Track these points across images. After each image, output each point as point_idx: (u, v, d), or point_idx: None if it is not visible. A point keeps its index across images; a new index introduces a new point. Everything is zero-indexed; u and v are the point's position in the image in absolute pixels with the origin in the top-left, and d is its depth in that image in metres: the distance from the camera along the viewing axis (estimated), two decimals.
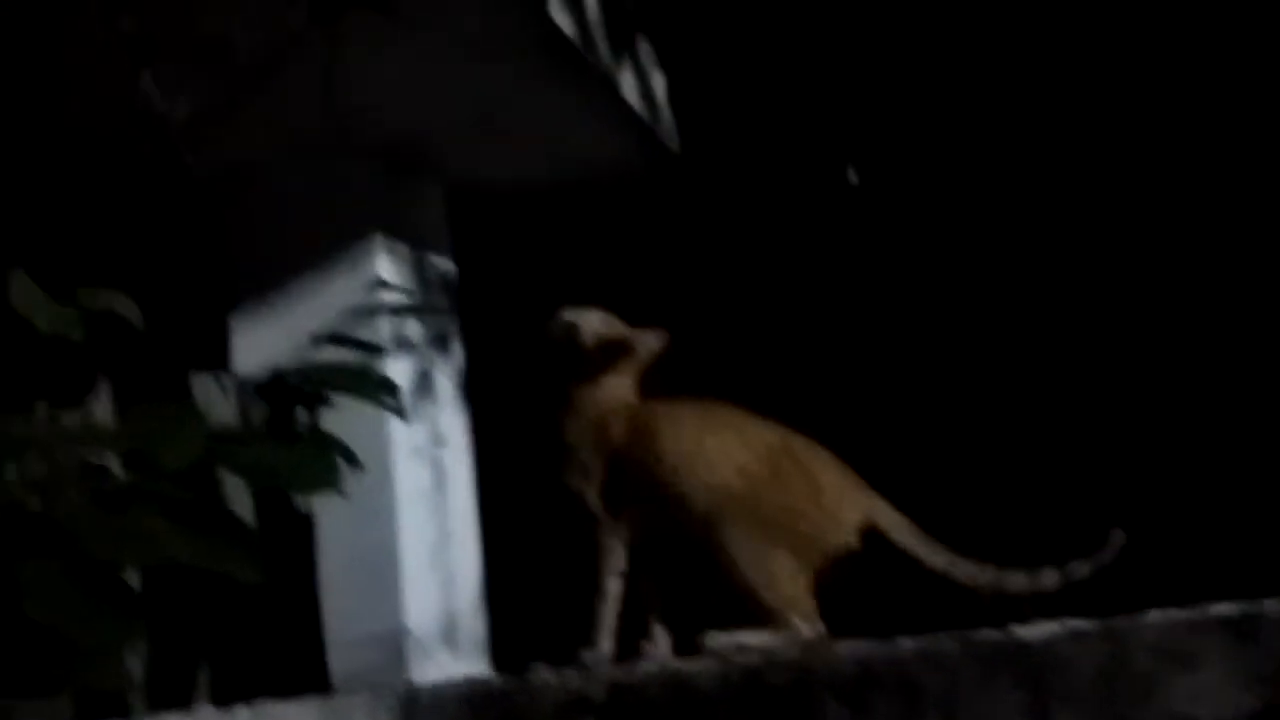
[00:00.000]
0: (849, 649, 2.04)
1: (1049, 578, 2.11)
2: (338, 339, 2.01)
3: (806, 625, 2.18)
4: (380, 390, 1.86)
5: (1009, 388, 3.49)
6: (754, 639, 2.14)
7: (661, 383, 2.45)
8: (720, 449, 2.19)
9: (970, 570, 2.15)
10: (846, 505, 2.18)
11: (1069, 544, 2.26)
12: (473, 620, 3.27)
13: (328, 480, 1.59)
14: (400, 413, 1.84)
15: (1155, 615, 1.96)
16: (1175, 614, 1.95)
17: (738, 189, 3.77)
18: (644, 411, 2.30)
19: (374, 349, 2.00)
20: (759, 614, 2.16)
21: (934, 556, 2.17)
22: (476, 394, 3.48)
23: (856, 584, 2.16)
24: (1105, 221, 3.46)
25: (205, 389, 2.94)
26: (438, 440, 3.35)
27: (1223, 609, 1.94)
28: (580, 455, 2.29)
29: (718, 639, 2.14)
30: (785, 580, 2.15)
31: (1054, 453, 3.37)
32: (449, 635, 3.18)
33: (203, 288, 3.29)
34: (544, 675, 2.13)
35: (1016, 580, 2.13)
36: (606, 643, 2.23)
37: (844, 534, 2.17)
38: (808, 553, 2.16)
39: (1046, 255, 3.53)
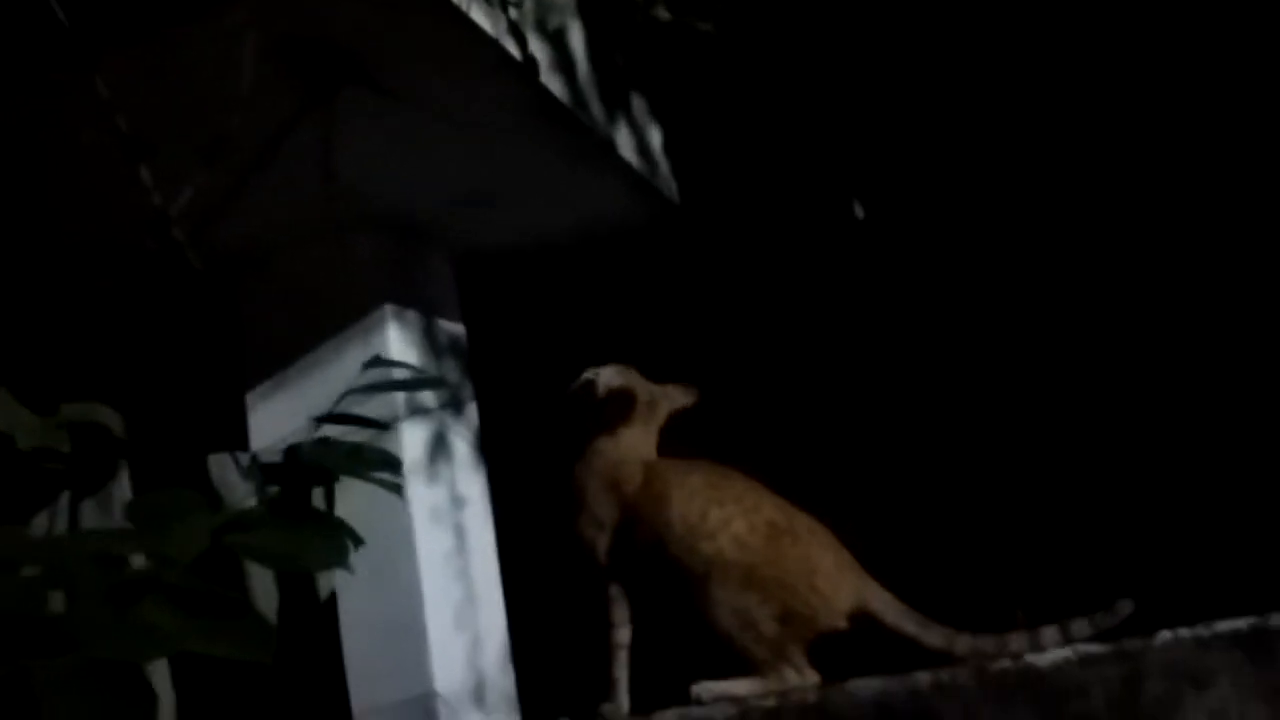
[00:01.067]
0: (863, 686, 2.07)
1: (1049, 638, 2.12)
2: (338, 418, 2.04)
3: (797, 675, 2.20)
4: (379, 467, 1.90)
5: (1021, 420, 3.51)
6: (742, 688, 2.17)
7: (680, 433, 2.50)
8: (722, 520, 2.23)
9: (968, 643, 2.16)
10: (840, 589, 2.22)
11: (1077, 585, 2.28)
12: (502, 679, 3.29)
13: (336, 559, 1.63)
14: (398, 490, 1.87)
15: (1165, 636, 1.98)
16: (1185, 633, 1.97)
17: (741, 234, 3.81)
18: (658, 470, 2.34)
19: (376, 424, 2.03)
20: (750, 665, 2.19)
21: (929, 635, 2.19)
22: (493, 454, 3.52)
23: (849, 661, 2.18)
24: (1117, 263, 3.48)
25: (222, 468, 2.98)
26: (457, 502, 3.38)
27: (1231, 625, 1.96)
28: (593, 507, 2.33)
29: (707, 688, 2.17)
30: (773, 635, 2.18)
31: (1063, 483, 3.39)
32: (478, 696, 3.20)
33: (218, 370, 3.34)
34: None
35: (1018, 644, 2.14)
36: (623, 695, 2.26)
37: (835, 617, 2.21)
38: (798, 627, 2.19)
39: (1059, 289, 3.55)
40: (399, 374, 2.34)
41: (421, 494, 3.31)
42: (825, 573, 2.21)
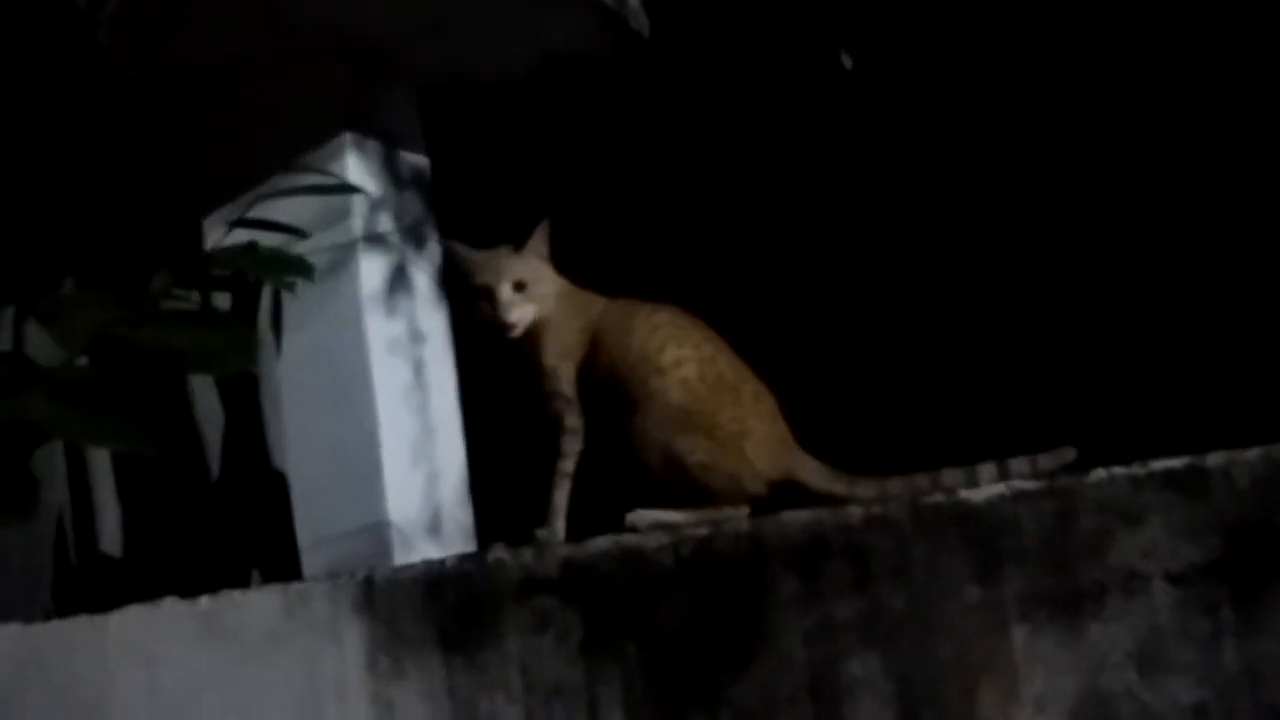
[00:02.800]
0: (795, 517, 2.05)
1: (986, 475, 2.09)
2: (249, 223, 2.00)
3: (732, 509, 2.19)
4: (289, 271, 1.86)
5: (974, 266, 3.48)
6: (677, 516, 2.16)
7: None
8: (676, 360, 2.22)
9: (901, 485, 2.13)
10: (768, 460, 2.19)
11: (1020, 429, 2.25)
12: (459, 511, 3.29)
13: (240, 361, 1.59)
14: (290, 287, 1.83)
15: (1099, 473, 1.96)
16: (1119, 471, 1.95)
17: (713, 75, 3.73)
18: (625, 304, 2.33)
19: (290, 230, 1.98)
20: (681, 500, 2.18)
21: (861, 489, 2.15)
22: (455, 289, 3.48)
23: None
24: (1100, 127, 3.43)
25: (164, 283, 2.93)
26: (416, 336, 3.35)
27: (1167, 464, 1.94)
28: (562, 334, 2.32)
29: (642, 515, 2.16)
30: (697, 480, 2.17)
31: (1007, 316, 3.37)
32: (433, 527, 3.20)
33: (173, 193, 3.29)
34: (500, 555, 2.15)
35: (952, 480, 2.10)
36: (560, 521, 2.25)
37: (758, 483, 2.19)
38: (722, 481, 2.17)
39: (1034, 148, 3.50)
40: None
41: (380, 326, 3.29)
42: (756, 440, 2.20)
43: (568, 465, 2.29)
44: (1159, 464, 1.93)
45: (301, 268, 1.84)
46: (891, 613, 1.99)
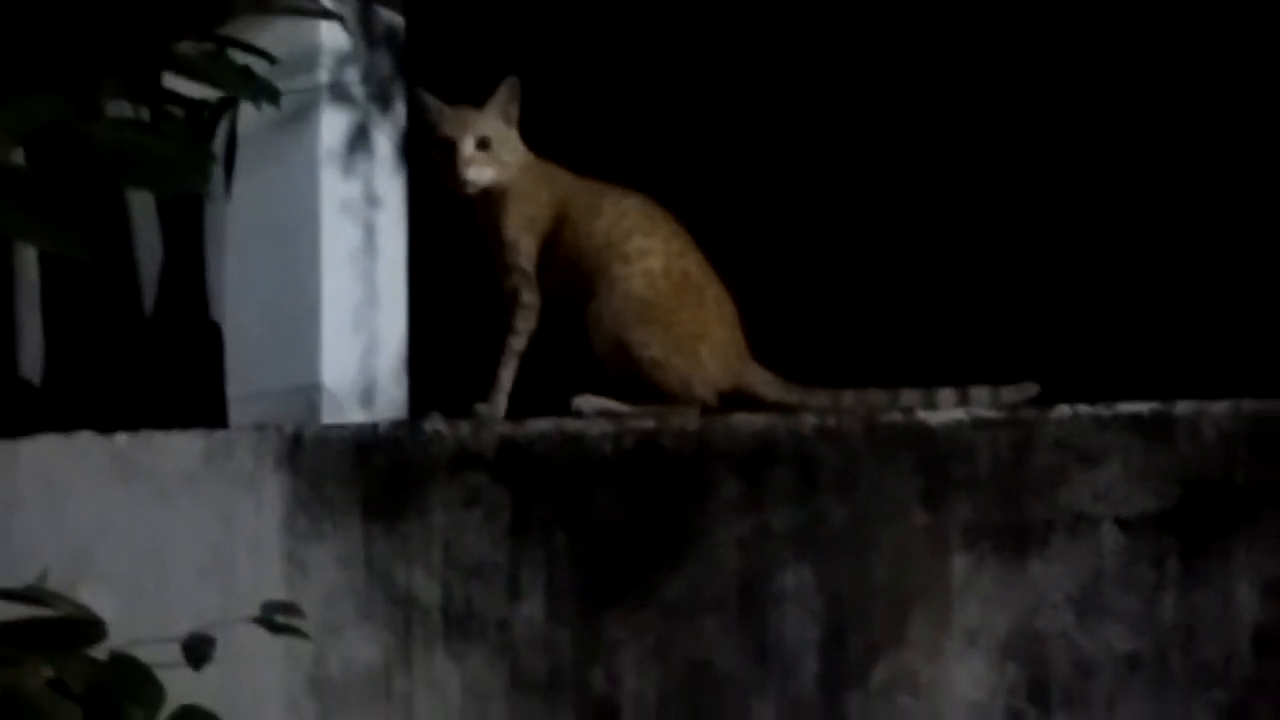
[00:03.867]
0: (746, 421, 1.99)
1: (946, 399, 2.01)
2: (220, 39, 1.87)
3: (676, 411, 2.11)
4: (262, 92, 1.74)
5: (940, 189, 3.41)
6: (625, 409, 2.09)
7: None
8: (643, 250, 2.13)
9: (854, 398, 2.05)
10: (721, 367, 2.11)
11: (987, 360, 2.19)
12: (394, 385, 3.20)
13: (191, 178, 1.49)
14: (258, 103, 1.71)
15: (1063, 409, 1.91)
16: (1084, 409, 1.90)
17: None
18: (595, 184, 2.23)
19: (261, 53, 1.86)
20: (637, 390, 2.10)
21: (814, 398, 2.07)
22: (418, 158, 3.36)
23: None
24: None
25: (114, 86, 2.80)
26: (371, 200, 3.23)
27: (1133, 407, 1.88)
28: (526, 205, 2.22)
29: (589, 401, 2.09)
30: (647, 376, 2.09)
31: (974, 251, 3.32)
32: (366, 397, 3.11)
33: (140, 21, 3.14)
34: (436, 426, 2.07)
35: (910, 400, 2.03)
36: (502, 398, 2.17)
37: (708, 389, 2.10)
38: (673, 381, 2.09)
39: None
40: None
41: (334, 185, 3.16)
42: (712, 345, 2.12)
43: (518, 342, 2.21)
44: (1125, 406, 1.88)
45: (270, 91, 1.72)
46: (831, 527, 1.93)
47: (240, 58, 2.20)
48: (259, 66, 2.19)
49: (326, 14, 2.20)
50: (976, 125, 3.45)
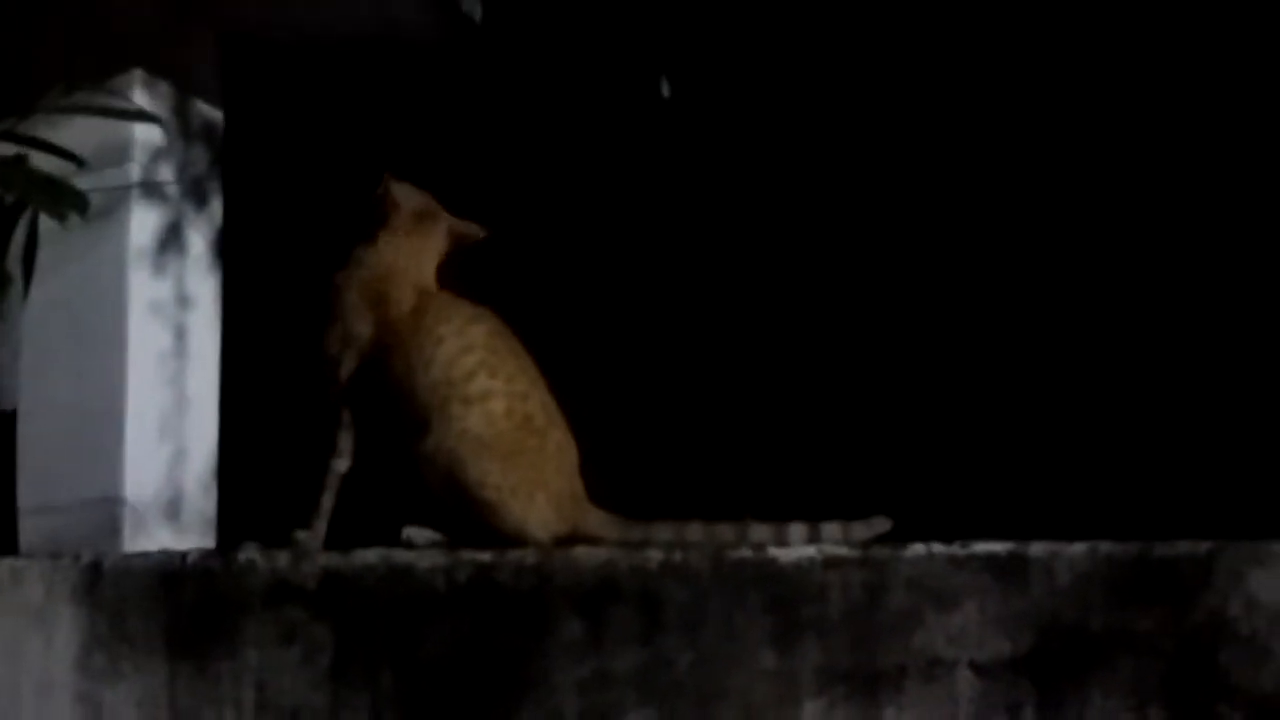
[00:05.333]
0: (589, 555, 1.88)
1: (796, 535, 1.94)
2: (26, 140, 1.74)
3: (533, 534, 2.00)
4: (65, 202, 1.60)
5: (812, 310, 3.38)
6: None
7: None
8: (485, 391, 2.01)
9: (701, 531, 1.97)
10: (556, 516, 2.00)
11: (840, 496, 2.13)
12: (202, 497, 3.02)
13: None
14: (62, 219, 1.57)
15: (917, 548, 1.84)
16: (939, 548, 1.83)
17: (539, 75, 3.55)
18: (438, 303, 2.11)
19: (67, 155, 1.73)
20: (470, 529, 1.98)
21: (658, 533, 1.98)
22: (232, 258, 3.21)
23: None
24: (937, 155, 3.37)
25: None
26: (183, 301, 3.07)
27: (988, 547, 1.82)
28: (348, 321, 2.09)
29: (421, 532, 1.96)
30: (481, 514, 1.97)
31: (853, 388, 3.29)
32: (172, 511, 2.92)
33: None
34: (251, 554, 1.92)
35: (760, 536, 1.95)
36: (323, 525, 2.02)
37: (542, 533, 1.99)
38: (504, 522, 1.98)
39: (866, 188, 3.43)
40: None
41: (144, 285, 3.00)
42: (549, 493, 2.01)
43: (340, 464, 2.08)
44: (980, 546, 1.82)
45: (77, 200, 1.58)
46: (677, 670, 1.83)
47: (44, 158, 2.05)
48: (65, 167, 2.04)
49: (141, 115, 2.06)
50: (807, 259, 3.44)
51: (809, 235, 3.48)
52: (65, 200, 1.60)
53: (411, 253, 2.15)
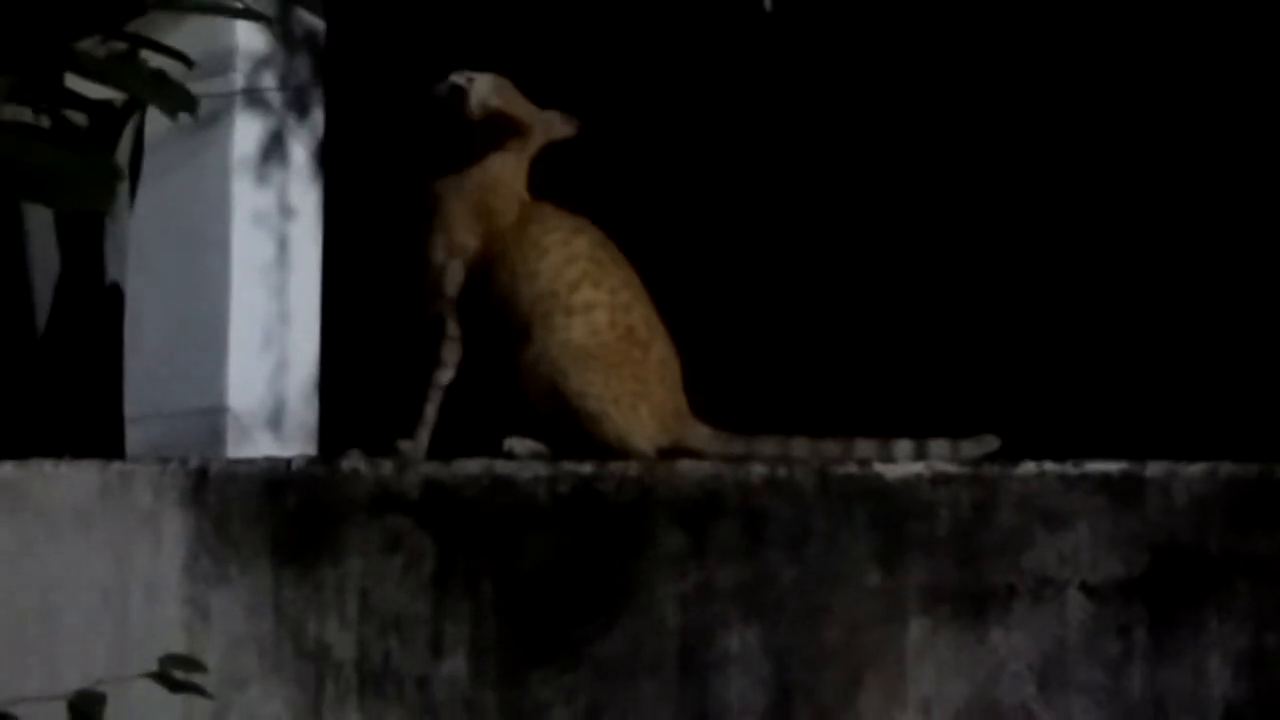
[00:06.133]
0: (692, 469, 1.86)
1: (903, 451, 1.90)
2: (131, 38, 1.71)
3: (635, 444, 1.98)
4: (173, 97, 1.58)
5: (912, 232, 3.32)
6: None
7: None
8: (589, 302, 1.99)
9: (806, 446, 1.93)
10: (658, 426, 1.98)
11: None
12: (304, 408, 3.03)
13: (99, 195, 1.33)
14: (173, 115, 1.54)
15: (1028, 467, 1.80)
16: (1050, 467, 1.79)
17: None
18: (541, 214, 2.08)
19: (176, 55, 1.70)
20: (572, 441, 1.97)
21: (762, 447, 1.95)
22: (335, 168, 3.20)
23: None
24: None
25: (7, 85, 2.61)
26: (285, 212, 3.07)
27: (1102, 466, 1.78)
28: (453, 232, 2.07)
29: (522, 442, 1.95)
30: (583, 424, 1.95)
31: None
32: (274, 421, 2.94)
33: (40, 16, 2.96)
34: (355, 463, 1.92)
35: (865, 451, 1.91)
36: (426, 435, 2.02)
37: (645, 445, 1.96)
38: (609, 432, 1.96)
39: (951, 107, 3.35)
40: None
41: (247, 195, 3.00)
42: (652, 404, 1.99)
43: (444, 375, 2.06)
44: (1093, 465, 1.78)
45: (188, 99, 1.55)
46: (780, 586, 1.81)
47: (152, 59, 2.04)
48: (173, 69, 2.02)
49: (250, 14, 2.04)
50: (933, 173, 3.37)
51: (911, 151, 3.41)
52: (177, 99, 1.58)
53: (507, 163, 2.12)
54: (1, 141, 1.30)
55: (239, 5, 1.98)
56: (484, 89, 2.13)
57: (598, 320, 1.99)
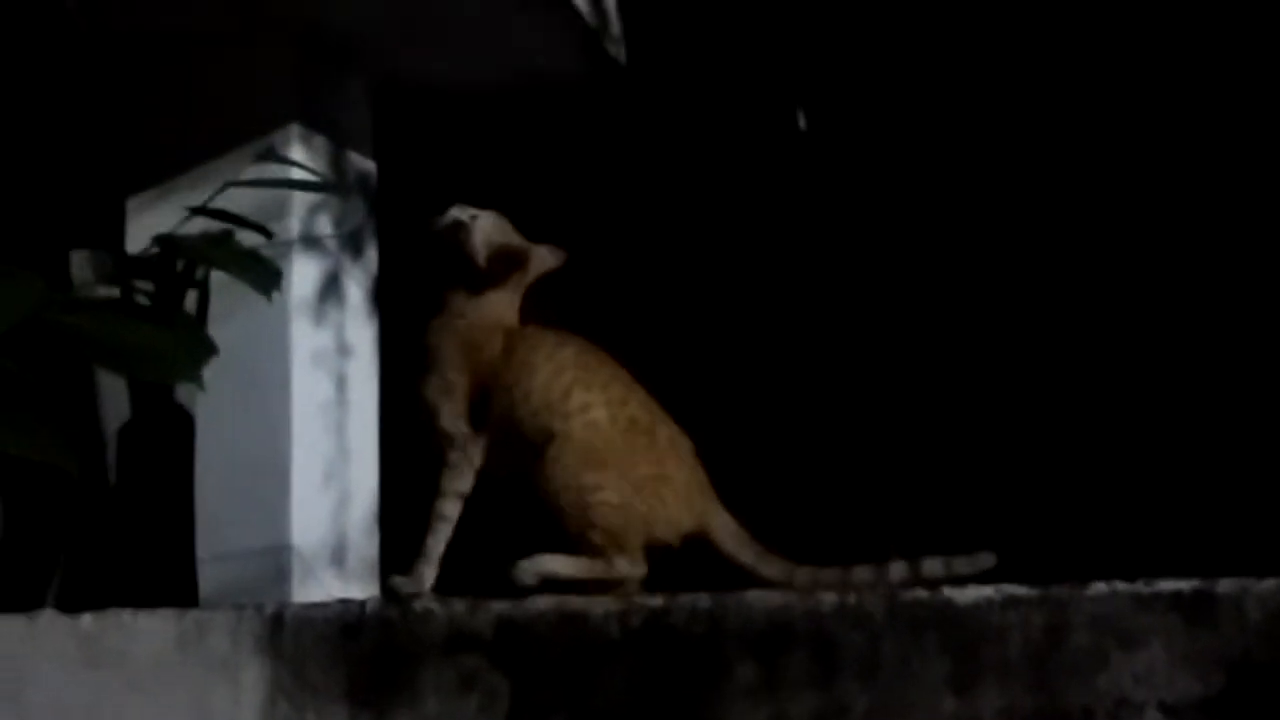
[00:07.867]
0: (761, 598, 1.87)
1: (896, 573, 1.95)
2: (216, 213, 1.77)
3: (629, 565, 2.00)
4: (255, 270, 1.63)
5: (947, 354, 3.34)
6: (570, 567, 1.98)
7: (553, 300, 2.27)
8: (584, 404, 2.03)
9: (809, 576, 1.99)
10: (684, 506, 2.03)
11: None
12: (365, 542, 3.07)
13: (183, 368, 1.37)
14: (267, 293, 1.60)
15: (1099, 587, 1.80)
16: (1121, 586, 1.79)
17: (683, 112, 3.57)
18: (526, 338, 2.12)
19: (257, 228, 1.76)
20: (581, 548, 2.00)
21: (766, 566, 2.02)
22: (389, 305, 3.27)
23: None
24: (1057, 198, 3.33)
25: (85, 268, 2.69)
26: (343, 350, 3.13)
27: (1173, 585, 1.78)
28: (444, 370, 2.11)
29: (531, 565, 1.97)
30: (607, 522, 1.98)
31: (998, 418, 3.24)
32: (338, 557, 2.98)
33: (101, 165, 3.05)
34: (427, 604, 1.93)
35: (862, 575, 1.97)
36: (430, 569, 2.04)
37: (671, 531, 2.03)
38: (634, 523, 1.99)
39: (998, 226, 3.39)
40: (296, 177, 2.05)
41: (306, 335, 3.07)
42: (674, 486, 2.03)
43: (446, 506, 2.08)
44: (1165, 584, 1.77)
45: (276, 277, 1.61)
46: (855, 715, 1.80)
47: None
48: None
49: (326, 187, 2.11)
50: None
51: (927, 272, 3.45)
52: (268, 277, 1.64)
53: (500, 297, 2.16)
54: (91, 323, 1.34)
55: (315, 179, 2.05)
56: (487, 226, 2.17)
57: (597, 418, 2.02)
